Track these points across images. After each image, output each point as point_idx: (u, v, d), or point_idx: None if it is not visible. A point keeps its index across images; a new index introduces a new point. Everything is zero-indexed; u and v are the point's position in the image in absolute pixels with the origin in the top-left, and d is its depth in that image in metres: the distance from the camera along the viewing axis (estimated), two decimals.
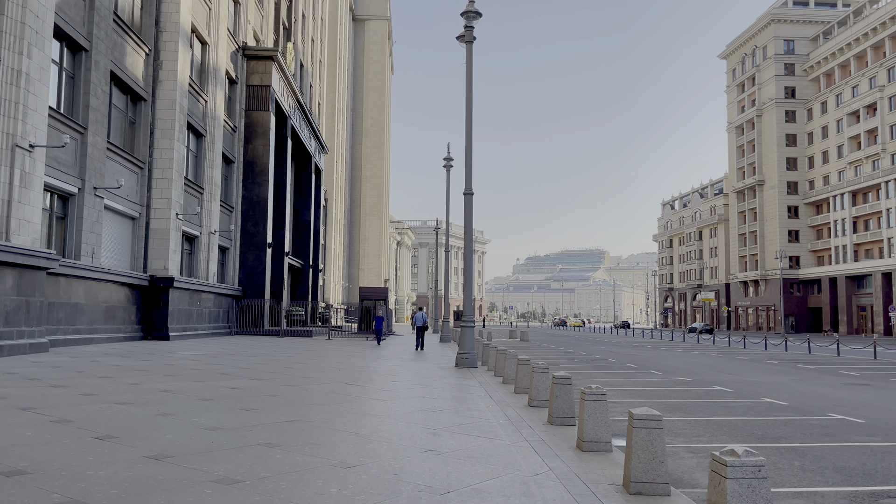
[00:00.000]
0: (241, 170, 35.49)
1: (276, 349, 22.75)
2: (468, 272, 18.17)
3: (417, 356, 21.93)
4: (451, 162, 34.99)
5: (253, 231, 35.52)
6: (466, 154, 18.52)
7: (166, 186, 25.24)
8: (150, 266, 24.94)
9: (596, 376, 17.56)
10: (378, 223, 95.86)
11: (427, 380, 13.87)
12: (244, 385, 11.55)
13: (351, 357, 20.28)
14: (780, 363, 23.86)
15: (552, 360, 23.59)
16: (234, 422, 7.82)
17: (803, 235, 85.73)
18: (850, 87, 78.38)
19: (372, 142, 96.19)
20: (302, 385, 11.91)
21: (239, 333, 33.58)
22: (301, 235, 48.72)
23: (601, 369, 20.04)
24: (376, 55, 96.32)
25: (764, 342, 34.49)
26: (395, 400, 10.39)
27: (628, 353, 28.81)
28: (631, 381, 16.38)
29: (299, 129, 44.57)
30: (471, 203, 18.43)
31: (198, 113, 29.16)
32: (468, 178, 18.44)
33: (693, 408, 11.73)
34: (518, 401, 10.91)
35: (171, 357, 17.23)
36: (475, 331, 18.11)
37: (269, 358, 18.34)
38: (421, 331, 26.57)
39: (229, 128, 34.00)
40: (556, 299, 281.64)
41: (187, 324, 27.15)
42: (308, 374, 13.94)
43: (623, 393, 13.84)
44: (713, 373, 19.19)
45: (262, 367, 15.20)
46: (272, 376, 13.28)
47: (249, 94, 35.95)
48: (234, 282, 34.65)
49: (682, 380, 16.88)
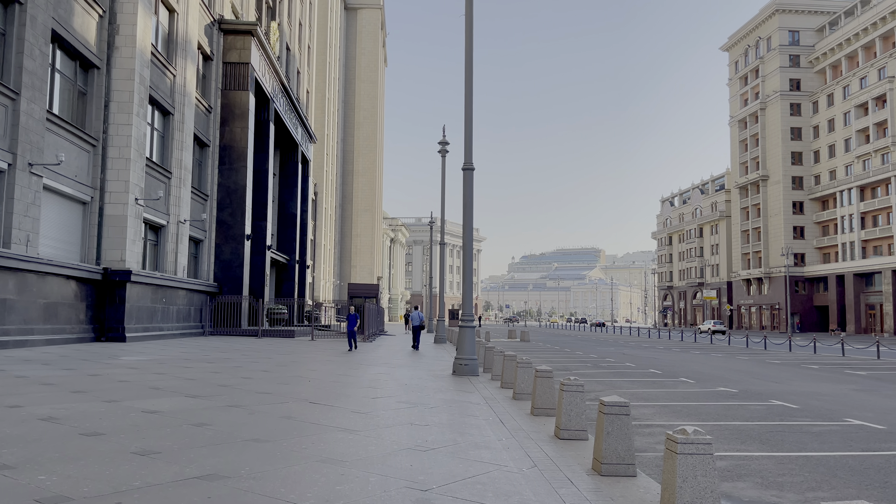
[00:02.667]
0: (216, 154, 32.46)
1: (246, 353, 19.79)
2: (467, 262, 15.26)
3: (408, 360, 19.04)
4: (446, 146, 32.06)
5: (230, 222, 32.49)
6: (466, 122, 15.61)
7: (123, 167, 22.22)
8: (104, 257, 21.92)
9: (620, 386, 14.69)
10: (371, 219, 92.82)
11: (418, 395, 10.96)
12: (171, 407, 8.60)
13: (330, 362, 17.35)
14: (820, 367, 21.05)
15: (562, 365, 20.72)
16: (103, 480, 4.90)
17: (808, 232, 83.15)
18: (858, 78, 75.79)
19: (364, 135, 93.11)
20: (251, 406, 8.99)
21: (214, 334, 30.59)
22: (286, 229, 45.70)
23: (623, 376, 17.18)
24: (369, 45, 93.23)
25: (788, 343, 31.72)
26: (371, 431, 7.47)
27: (644, 356, 25.97)
28: (665, 394, 13.52)
29: (283, 115, 41.55)
30: (471, 180, 15.52)
31: (164, 88, 26.14)
32: (468, 151, 15.54)
33: (768, 434, 8.86)
34: (538, 426, 8.03)
35: (106, 364, 14.25)
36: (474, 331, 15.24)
37: (230, 365, 15.38)
38: (417, 330, 25.93)
39: (203, 108, 30.98)
40: (551, 298, 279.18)
41: (150, 323, 24.15)
42: (266, 388, 11.00)
43: (663, 410, 10.97)
44: (754, 381, 16.35)
45: (212, 379, 12.26)
46: (218, 392, 10.35)
47: (226, 72, 32.92)
48: (209, 277, 31.64)
49: (725, 391, 14.03)
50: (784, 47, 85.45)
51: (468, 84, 15.63)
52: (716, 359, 25.05)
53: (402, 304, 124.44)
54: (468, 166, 15.47)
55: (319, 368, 15.29)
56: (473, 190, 15.59)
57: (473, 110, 15.68)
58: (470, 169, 15.50)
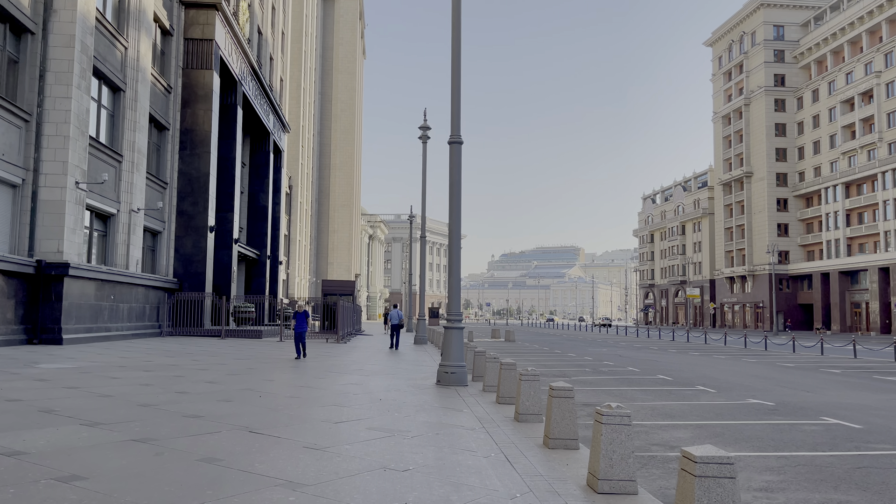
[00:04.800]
0: (177, 139, 29.75)
1: (199, 357, 17.29)
2: (454, 251, 12.95)
3: (385, 365, 16.68)
4: (427, 132, 29.72)
5: (191, 212, 29.81)
6: (453, 86, 13.28)
7: (61, 146, 19.54)
8: (38, 248, 19.23)
9: (633, 397, 12.49)
10: (348, 214, 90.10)
11: (395, 416, 8.62)
12: (45, 444, 6.16)
13: (294, 369, 14.93)
14: (843, 372, 19.09)
15: (558, 370, 18.51)
16: None
17: (792, 229, 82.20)
18: (844, 73, 74.83)
19: (342, 127, 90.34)
20: (165, 439, 6.58)
21: (173, 334, 27.93)
22: (257, 222, 43.00)
23: (631, 384, 15.00)
24: (347, 35, 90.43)
25: (792, 344, 29.83)
26: (325, 486, 5.11)
27: (643, 359, 23.88)
28: (690, 409, 11.35)
29: (253, 100, 38.86)
30: (459, 155, 13.21)
31: (113, 61, 23.44)
32: (455, 122, 13.22)
33: (860, 476, 6.68)
34: (560, 469, 5.74)
35: (13, 375, 11.69)
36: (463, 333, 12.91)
37: (171, 374, 12.91)
38: (396, 329, 25.30)
39: (161, 87, 28.28)
40: (531, 296, 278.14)
41: (95, 323, 21.48)
42: (200, 409, 8.58)
43: (702, 433, 8.76)
44: (783, 389, 14.27)
45: (135, 396, 9.80)
46: (132, 416, 7.92)
47: (188, 50, 30.22)
48: (168, 272, 28.96)
49: (758, 403, 11.91)
50: (769, 42, 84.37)
51: (455, 43, 13.32)
52: (721, 361, 23.04)
53: (380, 303, 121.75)
54: (455, 139, 13.16)
55: (278, 378, 12.88)
56: (461, 170, 13.28)
57: (461, 85, 13.38)
58: (457, 142, 13.18)
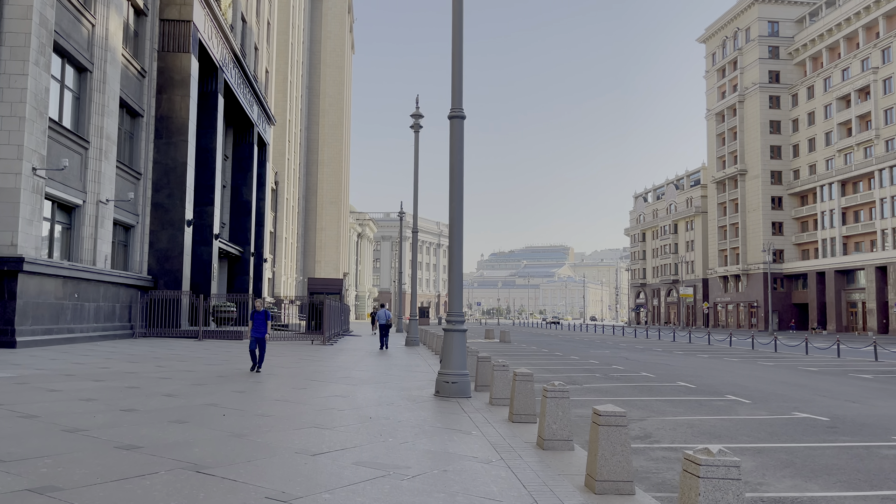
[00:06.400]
0: (151, 127, 27.83)
1: (166, 362, 15.46)
2: (455, 239, 11.23)
3: (375, 371, 14.94)
4: (419, 120, 28.01)
5: (167, 205, 27.90)
6: (454, 55, 11.56)
7: (16, 127, 17.63)
8: None
9: (661, 410, 10.84)
10: (336, 212, 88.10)
11: (388, 443, 6.89)
12: None
13: (271, 376, 13.16)
14: (875, 377, 17.54)
15: (565, 375, 16.84)
16: None
17: (787, 228, 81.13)
18: (840, 70, 73.82)
19: (330, 122, 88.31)
20: (71, 490, 4.81)
21: (147, 335, 26.02)
22: (240, 217, 41.09)
23: (651, 393, 13.35)
24: (335, 28, 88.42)
25: (805, 345, 28.35)
26: None
27: (651, 362, 22.27)
28: (734, 425, 9.70)
29: (236, 88, 36.93)
30: (461, 132, 11.49)
31: (78, 38, 21.51)
32: (456, 94, 11.50)
33: None
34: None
35: None
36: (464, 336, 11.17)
37: (120, 386, 11.10)
38: (384, 329, 24.91)
39: (134, 70, 26.35)
40: (521, 295, 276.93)
41: (56, 324, 19.56)
42: (137, 439, 6.79)
43: (771, 464, 7.11)
44: (825, 400, 12.68)
45: (70, 415, 8.00)
46: (48, 448, 6.13)
47: (164, 32, 28.30)
48: (142, 269, 27.03)
49: (811, 419, 10.30)
50: (763, 38, 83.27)
51: (457, 5, 11.61)
52: (736, 365, 21.46)
53: (369, 302, 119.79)
54: (457, 113, 11.44)
55: (252, 388, 11.10)
56: (464, 148, 11.57)
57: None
58: (459, 117, 11.46)
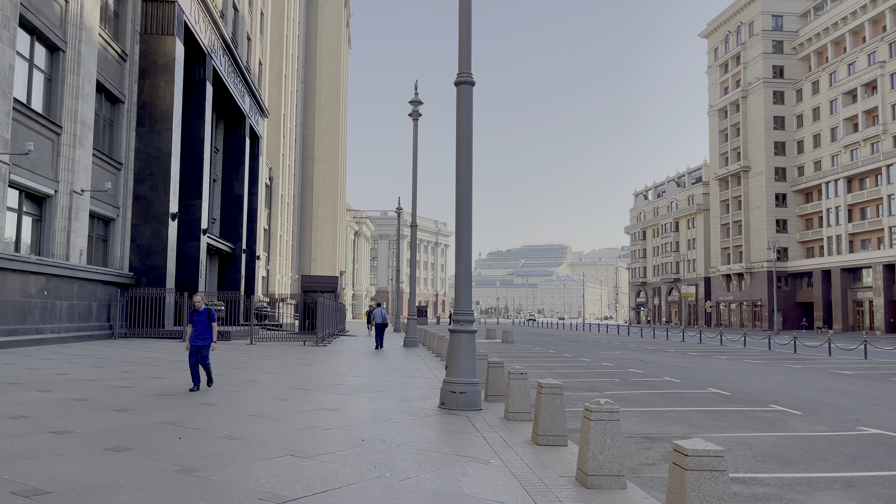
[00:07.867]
0: (133, 114, 26.17)
1: (130, 369, 13.84)
2: (463, 222, 9.64)
3: (370, 377, 13.34)
4: (419, 108, 26.42)
5: (150, 197, 26.24)
6: (461, 10, 9.96)
7: None
8: None
9: (705, 425, 9.26)
10: (333, 209, 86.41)
11: (385, 478, 5.27)
12: None
13: (251, 384, 11.55)
14: None
15: (581, 380, 15.24)
16: None
17: (791, 225, 79.69)
18: (846, 64, 72.35)
19: (326, 118, 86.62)
20: None
21: (128, 336, 24.37)
22: (231, 212, 39.44)
23: (682, 402, 11.77)
24: (331, 22, 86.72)
25: (828, 346, 26.80)
26: None
27: (669, 364, 20.69)
28: (797, 446, 8.12)
29: (226, 77, 35.26)
30: (469, 99, 9.91)
31: (49, 14, 19.86)
32: (464, 56, 9.91)
33: None
34: None
35: None
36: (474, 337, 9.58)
37: (66, 399, 9.47)
38: (380, 328, 24.29)
39: (114, 53, 24.70)
40: (519, 294, 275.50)
41: (21, 324, 17.92)
42: (50, 477, 5.17)
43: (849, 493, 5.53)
44: (884, 410, 11.13)
45: None
46: None
47: (147, 13, 26.65)
48: (123, 265, 25.38)
49: (883, 434, 8.74)
50: (767, 33, 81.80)
51: None
52: (762, 367, 19.90)
53: (366, 301, 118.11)
54: (464, 79, 9.84)
55: (223, 400, 9.48)
56: (473, 118, 9.97)
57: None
58: (467, 83, 9.87)
